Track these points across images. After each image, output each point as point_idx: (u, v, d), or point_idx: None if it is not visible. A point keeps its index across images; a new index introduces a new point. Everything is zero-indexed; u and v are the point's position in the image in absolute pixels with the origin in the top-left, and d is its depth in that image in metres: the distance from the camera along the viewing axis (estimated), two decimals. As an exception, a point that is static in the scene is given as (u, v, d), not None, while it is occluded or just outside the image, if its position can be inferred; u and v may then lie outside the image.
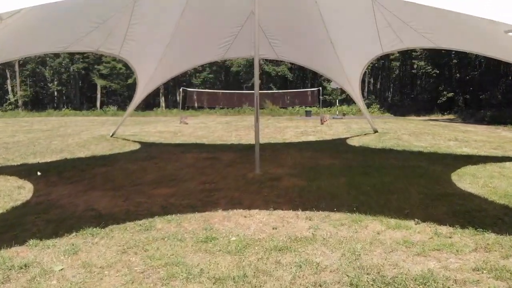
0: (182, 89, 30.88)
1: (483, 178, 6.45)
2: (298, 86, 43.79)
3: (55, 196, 5.73)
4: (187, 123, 20.37)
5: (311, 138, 13.37)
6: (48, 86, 48.07)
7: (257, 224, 4.34)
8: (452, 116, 29.59)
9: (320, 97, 31.10)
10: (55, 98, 49.68)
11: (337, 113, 27.98)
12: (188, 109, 34.86)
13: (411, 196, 5.42)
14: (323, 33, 9.62)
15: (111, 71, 43.22)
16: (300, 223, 4.36)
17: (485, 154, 9.26)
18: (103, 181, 6.66)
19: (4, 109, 39.78)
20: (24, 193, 5.97)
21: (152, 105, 45.16)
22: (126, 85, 42.51)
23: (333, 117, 24.51)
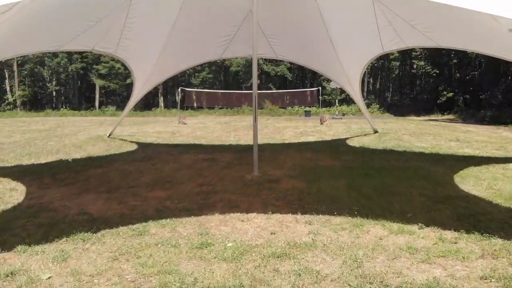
0: (181, 89, 30.66)
1: (487, 180, 6.30)
2: (298, 86, 43.64)
3: (48, 199, 5.58)
4: (186, 123, 20.22)
5: (311, 139, 13.22)
6: (47, 86, 47.86)
7: (255, 229, 4.19)
8: (452, 116, 29.43)
9: (320, 97, 30.91)
10: (54, 98, 49.47)
11: (337, 113, 27.82)
12: (187, 109, 34.70)
13: (414, 199, 5.27)
14: (323, 32, 9.47)
15: (110, 71, 43.02)
16: (300, 228, 4.20)
17: (488, 155, 9.10)
18: (98, 183, 6.50)
19: (3, 109, 39.56)
20: (16, 196, 5.82)
21: (151, 105, 45.02)
22: (125, 85, 42.32)
23: (333, 117, 24.36)
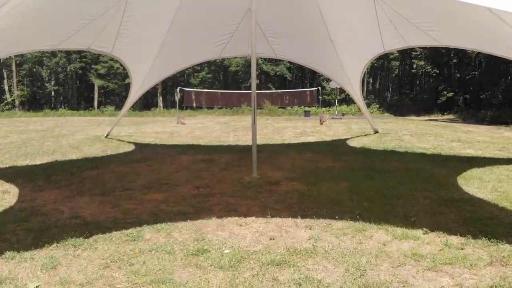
0: (179, 89, 30.48)
1: (491, 182, 6.15)
2: (297, 86, 43.49)
3: (40, 202, 5.42)
4: (185, 123, 20.05)
5: (310, 139, 13.06)
6: (45, 86, 47.68)
7: (253, 234, 4.03)
8: (452, 116, 29.29)
9: (319, 97, 30.76)
10: (52, 98, 49.28)
11: (336, 113, 27.66)
12: (186, 109, 34.51)
13: (417, 202, 5.11)
14: (323, 31, 9.33)
15: (109, 71, 42.86)
16: (300, 233, 4.05)
17: (490, 156, 8.95)
18: (92, 185, 6.34)
19: (1, 109, 39.29)
20: (8, 199, 5.66)
21: (150, 105, 44.86)
22: (124, 85, 42.13)
23: (333, 117, 24.19)
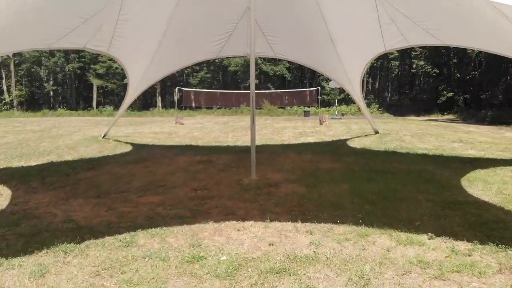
0: (178, 89, 30.33)
1: (496, 184, 6.00)
2: (296, 86, 43.33)
3: (33, 205, 5.26)
4: (183, 124, 19.89)
5: (310, 140, 12.91)
6: (44, 86, 47.49)
7: (252, 239, 3.87)
8: (452, 116, 29.15)
9: (319, 97, 30.62)
10: (51, 98, 49.08)
11: (336, 113, 27.51)
12: (185, 109, 34.35)
13: (421, 205, 4.96)
14: (323, 30, 9.17)
15: (107, 71, 42.63)
16: (300, 238, 3.89)
17: (493, 157, 8.81)
18: (87, 188, 6.18)
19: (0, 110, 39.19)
20: (0, 201, 5.51)
21: (149, 105, 44.68)
22: (123, 85, 41.87)
23: (332, 117, 24.05)
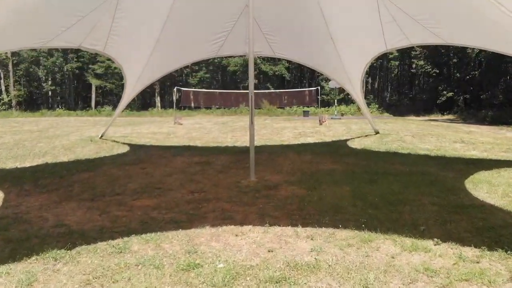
0: (177, 89, 30.18)
1: (501, 186, 5.84)
2: (296, 86, 43.22)
3: (24, 208, 5.10)
4: (182, 124, 19.74)
5: (310, 140, 12.75)
6: (42, 86, 47.29)
7: (250, 245, 3.71)
8: (452, 116, 29.03)
9: (318, 97, 30.48)
10: (49, 98, 48.87)
11: (336, 113, 27.37)
12: (184, 109, 34.20)
13: (425, 208, 4.80)
14: (323, 29, 9.02)
15: (106, 71, 42.43)
16: (301, 244, 3.73)
17: (496, 158, 8.66)
18: (81, 190, 6.01)
19: (-2, 109, 39.01)
20: (-9, 204, 5.35)
21: (148, 105, 44.53)
22: (121, 85, 41.53)
23: (332, 118, 23.91)
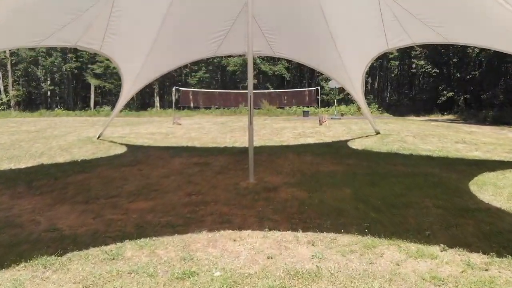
0: (175, 88, 30.03)
1: (507, 188, 5.70)
2: (296, 86, 43.05)
3: (16, 212, 4.94)
4: (180, 124, 19.58)
5: (310, 140, 12.60)
6: (41, 86, 47.09)
7: (249, 251, 3.56)
8: (452, 117, 28.88)
9: (318, 97, 30.34)
10: (48, 98, 48.69)
11: (336, 113, 27.22)
12: (183, 109, 34.04)
13: (429, 212, 4.65)
14: (324, 28, 8.87)
15: (105, 71, 42.23)
16: (301, 250, 3.58)
17: (500, 159, 8.52)
18: (76, 192, 5.85)
19: (-3, 110, 38.82)
20: (-17, 207, 5.19)
21: (147, 105, 44.37)
22: (120, 85, 41.34)
23: (332, 118, 23.76)
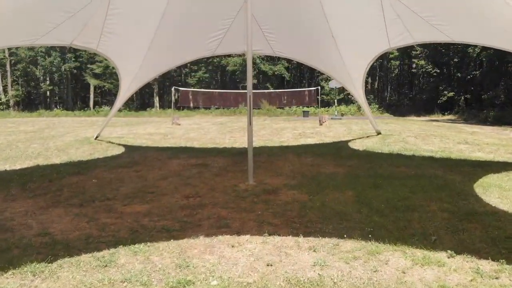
0: (174, 88, 29.87)
1: (513, 191, 5.56)
2: (296, 86, 42.93)
3: (8, 215, 4.79)
4: (180, 124, 19.42)
5: (310, 141, 12.45)
6: (40, 86, 46.94)
7: (247, 258, 3.41)
8: (453, 117, 28.75)
9: (318, 97, 30.19)
10: (47, 98, 48.53)
11: (336, 113, 27.08)
12: (183, 109, 33.89)
13: (435, 216, 4.50)
14: (324, 26, 8.72)
15: (104, 71, 42.07)
16: (303, 256, 3.43)
17: (503, 160, 8.36)
18: (71, 194, 5.70)
19: (-4, 110, 38.69)
20: (-26, 211, 5.04)
21: (147, 105, 44.23)
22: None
23: (332, 118, 23.61)
